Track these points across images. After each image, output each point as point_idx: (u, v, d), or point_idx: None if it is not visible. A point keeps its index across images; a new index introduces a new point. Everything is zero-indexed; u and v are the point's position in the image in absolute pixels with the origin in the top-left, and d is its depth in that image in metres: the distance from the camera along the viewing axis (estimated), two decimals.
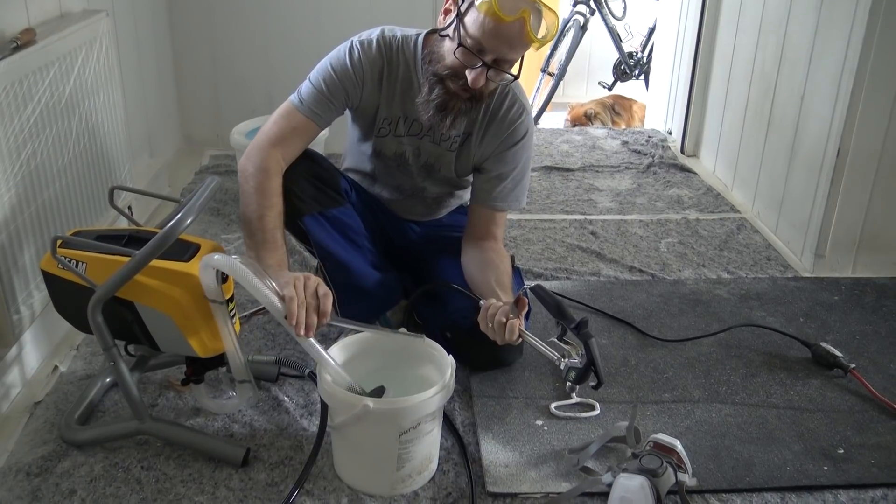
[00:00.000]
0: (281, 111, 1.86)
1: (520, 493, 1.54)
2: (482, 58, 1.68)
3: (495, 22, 1.63)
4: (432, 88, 1.76)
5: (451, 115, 1.78)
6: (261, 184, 1.77)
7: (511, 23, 1.63)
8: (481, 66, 1.68)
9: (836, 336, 2.10)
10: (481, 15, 1.64)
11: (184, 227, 1.45)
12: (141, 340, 1.59)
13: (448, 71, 1.73)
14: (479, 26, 1.65)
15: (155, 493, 1.52)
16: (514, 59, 1.73)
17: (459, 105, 1.77)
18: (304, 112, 1.83)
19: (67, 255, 1.53)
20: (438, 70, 1.75)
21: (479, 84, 1.70)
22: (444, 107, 1.76)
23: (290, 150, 1.84)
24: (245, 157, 1.81)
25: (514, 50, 1.69)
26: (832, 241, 2.47)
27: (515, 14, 1.62)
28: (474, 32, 1.66)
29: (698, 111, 3.52)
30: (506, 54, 1.69)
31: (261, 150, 1.80)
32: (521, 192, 1.99)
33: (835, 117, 2.38)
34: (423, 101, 1.79)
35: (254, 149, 1.82)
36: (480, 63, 1.68)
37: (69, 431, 1.64)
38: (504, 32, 1.64)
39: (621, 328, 2.14)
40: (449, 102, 1.76)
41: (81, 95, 2.16)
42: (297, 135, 1.84)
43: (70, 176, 2.09)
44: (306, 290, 1.53)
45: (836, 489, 1.58)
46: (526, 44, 1.68)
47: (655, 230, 2.79)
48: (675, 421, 1.76)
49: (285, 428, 1.71)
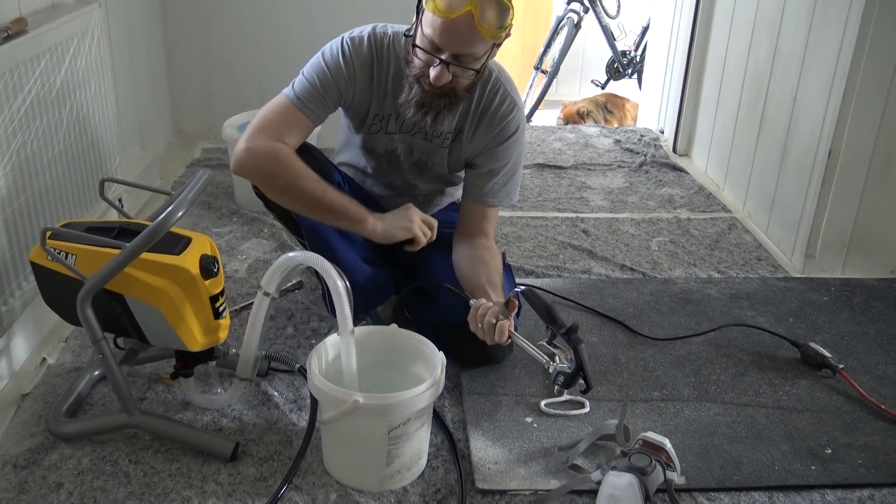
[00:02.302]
0: (274, 106, 1.83)
1: (509, 489, 1.54)
2: (439, 55, 1.69)
3: (442, 19, 1.65)
4: (410, 88, 1.78)
5: (431, 112, 1.78)
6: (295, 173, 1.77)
7: (457, 18, 1.64)
8: (440, 64, 1.69)
9: (825, 336, 2.11)
10: (430, 14, 1.67)
11: (175, 219, 1.45)
12: (130, 333, 1.59)
13: (418, 71, 1.75)
14: (430, 25, 1.67)
15: (143, 487, 1.51)
16: (474, 52, 1.71)
17: (438, 102, 1.77)
18: (300, 107, 1.81)
19: (57, 246, 1.52)
20: (412, 71, 1.76)
21: (441, 81, 1.71)
22: (422, 105, 1.77)
23: (289, 144, 1.81)
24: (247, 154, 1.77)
25: (469, 44, 1.68)
26: (822, 241, 2.47)
27: (461, 9, 1.63)
28: (427, 31, 1.68)
29: (691, 110, 3.52)
30: (460, 49, 1.69)
31: (266, 144, 1.77)
32: (512, 188, 1.98)
33: (827, 118, 2.38)
34: (404, 101, 1.80)
35: (257, 146, 1.77)
36: (438, 61, 1.69)
37: (57, 424, 1.64)
38: (453, 28, 1.65)
39: (612, 326, 2.14)
40: (425, 100, 1.76)
41: (72, 86, 2.14)
42: (294, 129, 1.82)
43: (60, 167, 2.08)
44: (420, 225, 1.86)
45: (824, 489, 1.58)
46: (482, 37, 1.67)
47: (647, 229, 2.80)
48: (665, 419, 1.76)
49: (274, 423, 1.71)
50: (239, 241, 2.56)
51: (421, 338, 1.65)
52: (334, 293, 1.51)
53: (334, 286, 1.51)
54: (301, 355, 1.94)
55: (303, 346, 1.99)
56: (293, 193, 1.79)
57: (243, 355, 1.65)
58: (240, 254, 2.48)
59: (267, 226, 2.65)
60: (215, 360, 1.68)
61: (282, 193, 1.81)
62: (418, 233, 1.86)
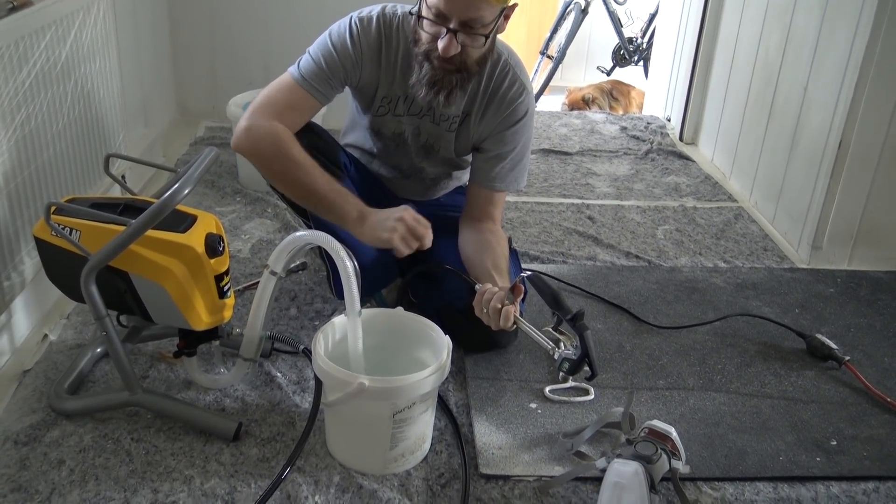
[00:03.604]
0: (280, 85, 1.81)
1: (512, 475, 1.54)
2: (446, 24, 1.66)
3: None
4: (420, 67, 1.75)
5: (443, 90, 1.75)
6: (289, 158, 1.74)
7: None
8: (448, 33, 1.66)
9: (831, 328, 2.10)
10: None
11: (181, 197, 1.43)
12: (134, 311, 1.57)
13: (427, 47, 1.72)
14: None
15: (145, 466, 1.51)
16: (481, 17, 1.67)
17: (450, 79, 1.74)
18: (306, 87, 1.79)
19: (61, 222, 1.51)
20: (420, 48, 1.74)
21: (450, 52, 1.68)
22: (434, 83, 1.74)
23: (291, 124, 1.79)
24: (247, 133, 1.75)
25: (475, 7, 1.65)
26: (829, 233, 2.46)
27: None
28: (432, 1, 1.65)
29: (698, 98, 3.50)
30: (467, 14, 1.66)
31: (265, 124, 1.75)
32: (520, 172, 1.97)
33: (838, 109, 2.36)
34: (416, 81, 1.77)
35: (257, 125, 1.75)
36: (445, 31, 1.67)
37: (59, 401, 1.63)
38: None
39: (617, 314, 2.13)
40: (436, 77, 1.74)
41: (77, 61, 2.12)
42: (297, 109, 1.80)
43: (64, 142, 2.06)
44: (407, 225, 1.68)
45: (829, 480, 1.58)
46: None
47: (653, 217, 2.78)
48: (670, 408, 1.75)
49: (277, 404, 1.70)
50: (242, 220, 2.55)
51: (427, 321, 1.64)
52: (343, 273, 1.50)
53: (343, 266, 1.49)
54: (304, 337, 1.94)
55: (306, 328, 1.98)
56: (286, 180, 1.77)
57: (248, 335, 1.64)
58: (243, 233, 2.46)
59: (271, 206, 2.63)
60: (219, 339, 1.67)
61: (275, 177, 1.79)
62: (398, 245, 1.69)
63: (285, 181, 1.78)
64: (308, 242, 1.57)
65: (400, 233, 1.69)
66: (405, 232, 1.69)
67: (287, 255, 1.59)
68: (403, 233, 1.69)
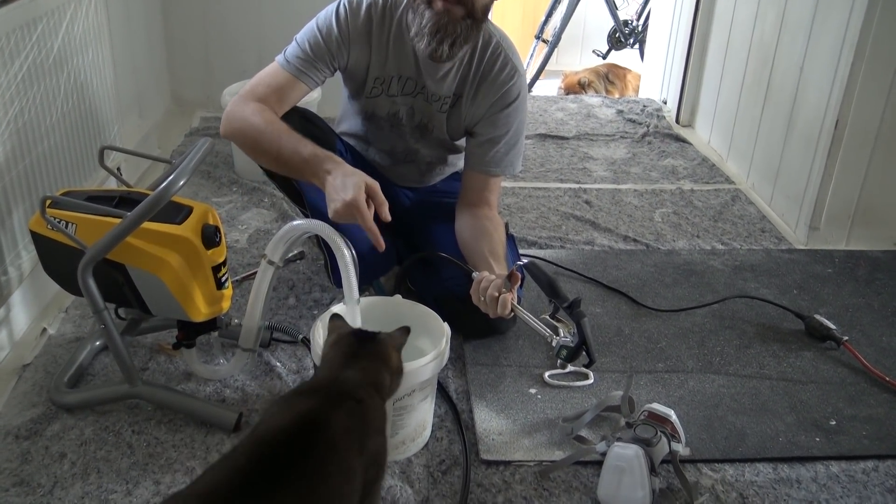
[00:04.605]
0: (265, 71, 1.84)
1: (513, 460, 1.54)
2: None
3: None
4: (422, 16, 1.72)
5: (447, 38, 1.72)
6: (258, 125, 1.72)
7: None
8: None
9: (830, 308, 2.10)
10: None
11: (177, 188, 1.43)
12: (132, 303, 1.57)
13: None
14: None
15: (146, 458, 1.51)
16: None
17: (454, 27, 1.71)
18: (290, 70, 1.80)
19: (57, 215, 1.51)
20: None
21: None
22: (437, 30, 1.71)
23: (272, 106, 1.79)
24: (226, 121, 1.77)
25: None
26: (827, 213, 2.46)
27: None
28: None
29: (694, 81, 3.50)
30: None
31: (241, 107, 1.76)
32: (514, 156, 1.96)
33: (834, 89, 2.36)
34: (416, 33, 1.75)
35: (233, 110, 1.77)
36: None
37: (59, 394, 1.63)
38: None
39: (615, 298, 2.13)
40: (440, 22, 1.70)
41: (70, 52, 2.11)
42: (280, 92, 1.81)
43: (58, 135, 2.06)
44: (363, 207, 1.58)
45: (828, 460, 1.58)
46: None
47: (650, 200, 2.78)
48: (669, 391, 1.76)
49: (277, 393, 1.70)
50: (239, 210, 2.55)
51: (426, 309, 1.64)
52: (340, 262, 1.50)
53: (340, 254, 1.49)
54: (303, 326, 1.94)
55: (305, 317, 1.98)
56: (259, 149, 1.75)
57: (246, 325, 1.64)
58: (240, 224, 2.46)
59: (267, 195, 2.63)
60: (217, 330, 1.67)
61: (252, 150, 1.77)
62: (341, 214, 1.59)
63: (258, 150, 1.76)
64: (305, 231, 1.57)
65: (344, 203, 1.59)
66: (353, 203, 1.59)
67: (284, 244, 1.59)
68: (350, 205, 1.59)
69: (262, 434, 1.07)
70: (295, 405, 1.13)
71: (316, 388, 1.19)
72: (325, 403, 1.12)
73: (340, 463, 1.06)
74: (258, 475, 0.99)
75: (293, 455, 1.03)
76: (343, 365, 1.23)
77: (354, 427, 1.12)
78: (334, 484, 1.04)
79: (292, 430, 1.06)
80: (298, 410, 1.11)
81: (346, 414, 1.12)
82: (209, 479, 1.01)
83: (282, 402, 1.16)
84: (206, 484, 1.00)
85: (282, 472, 1.00)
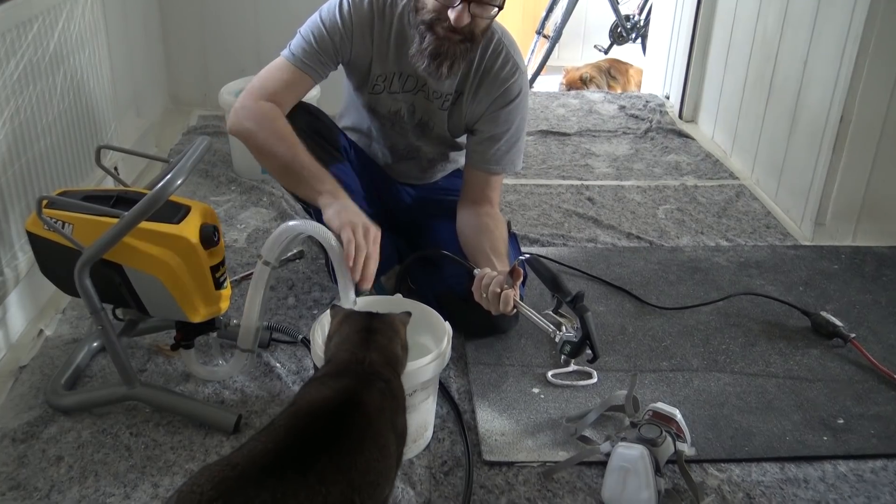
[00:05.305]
0: (271, 65, 1.84)
1: (516, 461, 1.53)
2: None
3: None
4: (423, 37, 1.74)
5: (446, 61, 1.74)
6: (273, 132, 1.73)
7: None
8: (461, 3, 1.65)
9: (836, 305, 2.09)
10: None
11: (174, 187, 1.42)
12: (129, 304, 1.56)
13: (432, 15, 1.70)
14: None
15: (144, 460, 1.50)
16: None
17: (454, 49, 1.73)
18: (297, 65, 1.80)
19: (53, 215, 1.50)
20: (424, 17, 1.72)
21: (462, 22, 1.67)
22: (437, 53, 1.73)
23: (282, 103, 1.80)
24: (235, 116, 1.78)
25: None
26: (833, 209, 2.45)
27: None
28: None
29: (697, 76, 3.48)
30: None
31: (254, 106, 1.76)
32: (516, 154, 1.96)
33: (838, 83, 2.34)
34: (416, 52, 1.76)
35: (244, 106, 1.78)
36: (458, 1, 1.65)
37: (55, 396, 1.62)
38: None
39: (619, 295, 2.12)
40: (441, 48, 1.72)
41: (66, 51, 2.10)
42: (289, 88, 1.81)
43: (55, 134, 2.05)
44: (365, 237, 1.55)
45: (836, 459, 1.57)
46: None
47: (653, 196, 2.77)
48: (674, 390, 1.75)
49: (277, 394, 1.69)
50: (238, 209, 2.54)
51: (427, 308, 1.63)
52: (335, 262, 1.49)
53: (334, 255, 1.48)
54: (303, 326, 1.93)
55: (305, 317, 1.97)
56: (268, 153, 1.75)
57: (244, 326, 1.63)
58: (239, 223, 2.45)
59: (266, 194, 2.62)
60: (216, 331, 1.66)
61: (258, 152, 1.78)
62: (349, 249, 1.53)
63: (267, 155, 1.76)
64: (300, 232, 1.56)
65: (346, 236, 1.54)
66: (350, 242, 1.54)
67: (280, 245, 1.58)
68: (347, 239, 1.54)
69: (301, 409, 1.12)
70: (330, 384, 1.18)
71: (345, 369, 1.23)
72: (358, 383, 1.18)
73: (377, 438, 1.12)
74: (297, 447, 1.03)
75: (332, 428, 1.07)
76: (361, 342, 1.27)
77: (387, 405, 1.18)
78: (371, 458, 1.09)
79: (331, 406, 1.12)
80: (334, 388, 1.16)
81: (379, 393, 1.18)
82: (247, 450, 1.04)
83: (315, 382, 1.21)
84: (244, 455, 1.02)
85: (320, 444, 1.04)
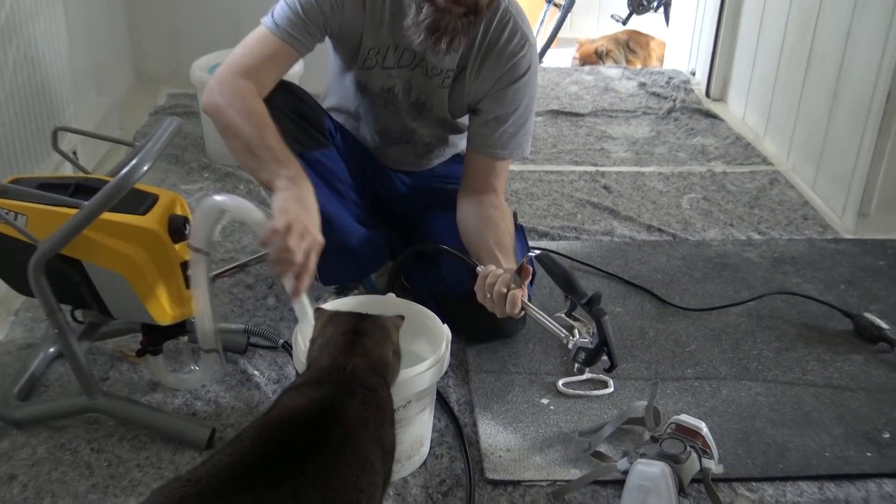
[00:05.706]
0: (252, 36, 1.82)
1: (523, 480, 1.54)
2: None
3: None
4: (420, 7, 1.73)
5: (445, 36, 1.73)
6: (243, 109, 1.71)
7: None
8: None
9: (882, 306, 2.10)
10: None
11: (140, 174, 1.42)
12: (90, 305, 1.57)
13: None
14: None
15: (107, 479, 1.51)
16: None
17: (455, 23, 1.72)
18: (281, 36, 1.79)
19: (5, 205, 1.50)
20: None
21: None
22: (436, 27, 1.72)
23: (263, 79, 1.78)
24: (209, 91, 1.77)
25: None
26: (878, 198, 2.46)
27: None
28: None
29: (726, 49, 3.49)
30: None
31: (229, 81, 1.75)
32: (523, 137, 1.96)
33: (885, 57, 2.35)
34: (412, 24, 1.75)
35: (219, 81, 1.76)
36: None
37: (8, 408, 1.63)
38: None
39: (638, 295, 2.13)
40: (441, 21, 1.72)
41: (19, 20, 2.11)
42: (271, 62, 1.80)
43: (7, 115, 2.05)
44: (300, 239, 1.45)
45: (881, 478, 1.58)
46: None
47: (677, 184, 2.78)
48: (700, 400, 1.75)
49: (255, 405, 1.70)
50: None
51: (422, 309, 1.64)
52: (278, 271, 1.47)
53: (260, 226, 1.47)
54: (284, 329, 1.94)
55: (286, 319, 1.98)
56: (232, 131, 1.72)
57: (199, 328, 1.62)
58: None
59: (243, 181, 2.63)
60: (187, 334, 1.67)
61: (224, 130, 1.75)
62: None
63: (233, 133, 1.73)
64: (225, 209, 1.51)
65: (273, 225, 1.46)
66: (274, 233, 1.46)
67: (207, 227, 1.53)
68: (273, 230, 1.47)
69: (272, 419, 1.12)
70: (306, 392, 1.17)
71: (325, 377, 1.22)
72: (338, 391, 1.18)
73: (357, 452, 1.11)
74: (266, 460, 1.02)
75: (306, 440, 1.07)
76: (346, 346, 1.27)
77: (370, 416, 1.17)
78: (350, 474, 1.08)
79: (305, 416, 1.11)
80: (311, 397, 1.15)
81: (361, 402, 1.17)
82: (211, 464, 1.03)
83: (291, 391, 1.20)
84: (208, 469, 1.02)
85: (293, 457, 1.03)
